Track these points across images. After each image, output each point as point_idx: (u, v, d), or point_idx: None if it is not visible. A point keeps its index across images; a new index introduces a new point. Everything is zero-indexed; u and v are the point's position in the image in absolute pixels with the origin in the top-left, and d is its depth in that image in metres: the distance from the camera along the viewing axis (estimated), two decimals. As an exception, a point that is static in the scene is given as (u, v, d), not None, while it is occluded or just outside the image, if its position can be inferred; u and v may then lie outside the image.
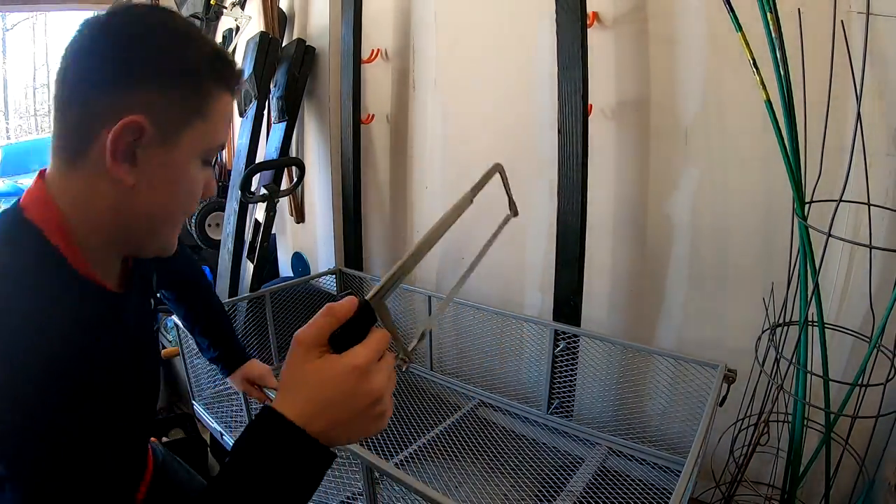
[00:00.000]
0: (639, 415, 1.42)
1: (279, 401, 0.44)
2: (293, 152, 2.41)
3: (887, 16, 1.06)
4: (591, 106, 1.40)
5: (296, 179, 2.18)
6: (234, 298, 1.93)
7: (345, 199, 2.21)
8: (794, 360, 1.14)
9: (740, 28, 1.05)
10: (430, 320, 0.65)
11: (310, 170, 2.32)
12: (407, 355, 0.49)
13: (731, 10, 1.05)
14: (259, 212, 2.22)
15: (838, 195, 1.03)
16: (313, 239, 2.48)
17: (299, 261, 2.61)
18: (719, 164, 1.38)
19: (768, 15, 1.00)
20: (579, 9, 1.33)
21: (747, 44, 1.04)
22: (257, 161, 2.22)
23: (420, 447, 1.43)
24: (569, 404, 1.52)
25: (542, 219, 1.69)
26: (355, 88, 2.07)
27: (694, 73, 1.38)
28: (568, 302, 1.49)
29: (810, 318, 1.12)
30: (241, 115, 2.33)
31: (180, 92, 0.52)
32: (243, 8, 2.51)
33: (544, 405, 1.54)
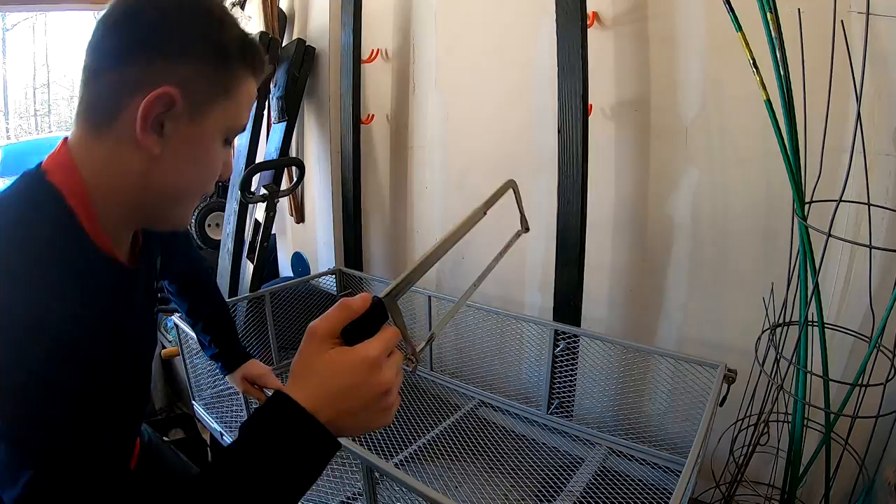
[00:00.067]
0: (639, 415, 1.42)
1: (290, 387, 0.45)
2: (293, 152, 2.41)
3: (887, 16, 1.06)
4: (591, 106, 1.40)
5: (296, 179, 2.18)
6: (234, 298, 1.93)
7: (345, 199, 2.21)
8: (794, 360, 1.14)
9: (740, 28, 1.05)
10: (437, 326, 0.66)
11: (310, 170, 2.32)
12: (415, 356, 0.50)
13: (731, 10, 1.05)
14: (259, 212, 2.22)
15: (838, 195, 1.03)
16: (313, 239, 2.48)
17: (299, 261, 2.61)
18: (719, 164, 1.38)
19: (768, 15, 1.00)
20: (579, 9, 1.33)
21: (747, 44, 1.04)
22: (257, 161, 2.22)
23: (420, 447, 1.43)
24: (569, 404, 1.52)
25: (542, 219, 1.68)
26: (355, 88, 2.07)
27: (694, 73, 1.38)
28: (568, 302, 1.49)
29: (810, 318, 1.12)
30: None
31: (212, 69, 0.53)
32: (243, 8, 2.51)
33: (544, 405, 1.54)
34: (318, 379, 0.44)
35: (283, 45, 2.26)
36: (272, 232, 2.31)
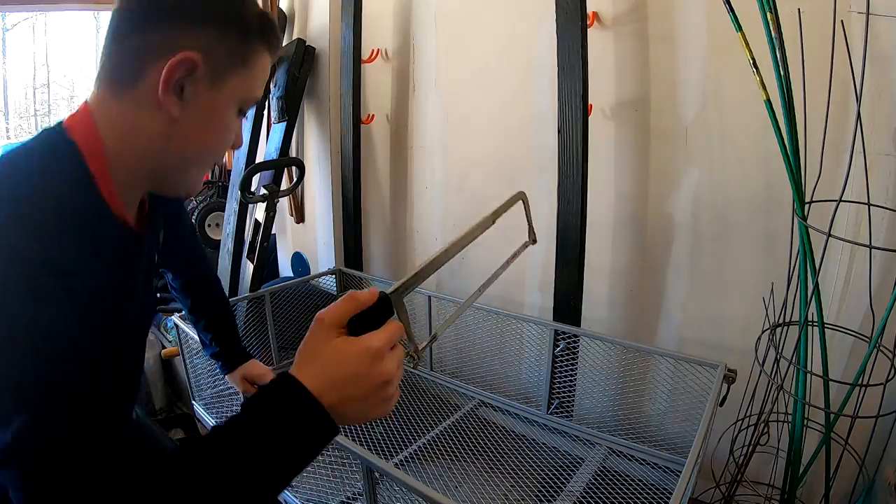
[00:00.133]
0: (639, 415, 1.42)
1: (296, 370, 0.46)
2: (293, 152, 2.41)
3: (887, 16, 1.06)
4: (591, 106, 1.40)
5: (296, 179, 2.18)
6: (234, 298, 1.92)
7: (345, 199, 2.21)
8: (794, 360, 1.14)
9: (740, 28, 1.05)
10: (440, 327, 0.68)
11: (310, 170, 2.32)
12: (417, 353, 0.52)
13: (731, 10, 1.05)
14: (259, 212, 2.22)
15: (838, 195, 1.03)
16: (313, 239, 2.48)
17: (299, 261, 2.61)
18: (719, 164, 1.39)
19: (768, 15, 1.00)
20: (579, 9, 1.33)
21: (747, 44, 1.04)
22: (257, 161, 2.22)
23: (420, 447, 1.43)
24: (569, 404, 1.52)
25: (542, 219, 1.68)
26: (355, 88, 2.07)
27: (694, 73, 1.38)
28: (568, 302, 1.49)
29: (810, 318, 1.12)
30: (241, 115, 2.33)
31: (233, 39, 0.56)
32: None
33: (544, 405, 1.54)
34: (323, 365, 0.46)
35: (283, 45, 2.26)
36: (272, 232, 2.31)
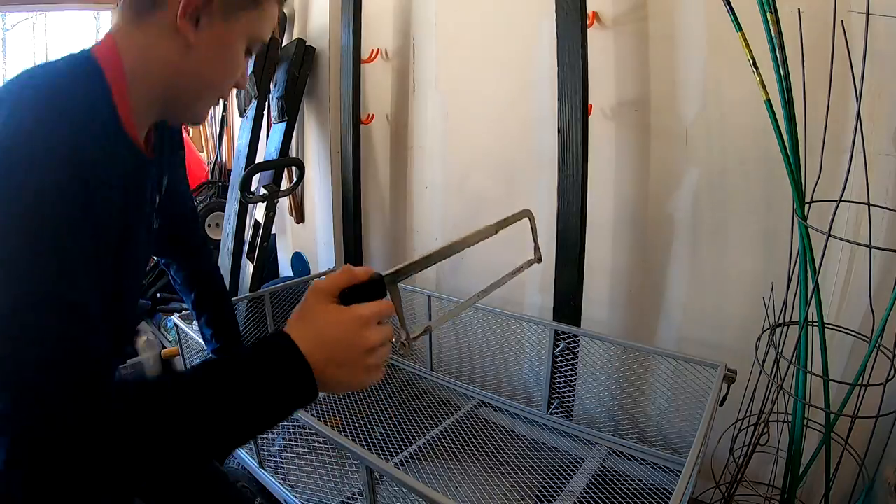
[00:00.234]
0: (639, 415, 1.42)
1: (288, 329, 0.49)
2: (293, 152, 2.41)
3: (887, 16, 1.06)
4: (591, 106, 1.40)
5: (296, 179, 2.18)
6: (235, 298, 1.92)
7: (345, 199, 2.21)
8: (794, 360, 1.14)
9: (740, 28, 1.05)
10: (436, 321, 0.70)
11: (310, 170, 2.32)
12: (409, 340, 0.53)
13: (731, 10, 1.05)
14: (259, 212, 2.22)
15: (838, 195, 1.03)
16: (313, 239, 2.48)
17: (299, 261, 2.61)
18: (719, 164, 1.38)
19: (768, 15, 1.00)
20: (579, 9, 1.33)
21: (747, 44, 1.04)
22: (257, 161, 2.22)
23: (420, 447, 1.43)
24: (569, 404, 1.52)
25: (542, 219, 1.68)
26: (355, 88, 2.07)
27: (694, 73, 1.38)
28: (568, 302, 1.49)
29: (810, 318, 1.12)
30: (241, 115, 2.33)
31: None
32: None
33: (544, 405, 1.54)
34: (313, 327, 0.49)
35: (283, 45, 2.26)
36: (272, 232, 2.31)
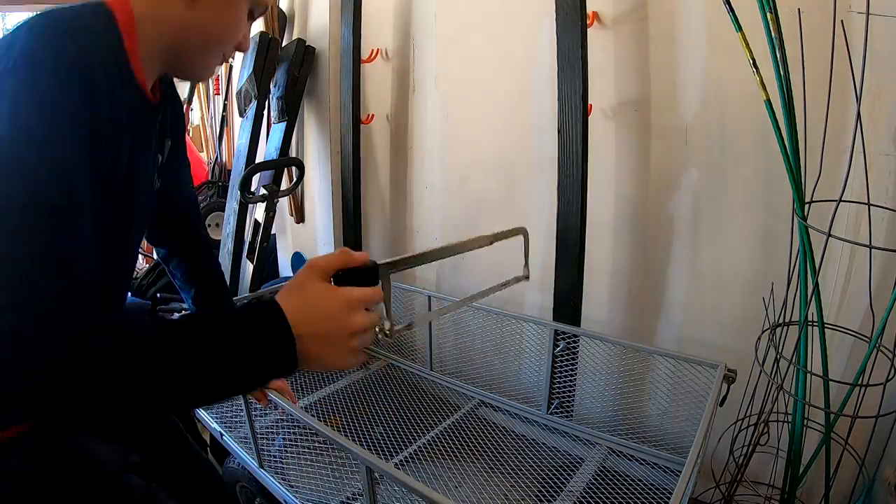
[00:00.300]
0: (639, 415, 1.42)
1: (278, 298, 0.52)
2: (293, 152, 2.41)
3: (887, 16, 1.06)
4: (591, 106, 1.40)
5: (295, 179, 2.18)
6: (234, 299, 1.92)
7: (345, 200, 2.21)
8: (794, 360, 1.14)
9: (740, 28, 1.05)
10: (420, 318, 0.73)
11: (310, 170, 2.32)
12: (391, 331, 0.55)
13: (731, 10, 1.05)
14: (259, 212, 2.22)
15: (838, 195, 1.03)
16: (313, 239, 2.48)
17: (299, 261, 2.61)
18: (719, 164, 1.38)
19: (768, 15, 1.00)
20: (579, 9, 1.33)
21: (747, 44, 1.04)
22: (257, 161, 2.22)
23: (420, 447, 1.43)
24: (569, 404, 1.52)
25: (542, 219, 1.69)
26: (355, 88, 2.07)
27: (694, 73, 1.38)
28: (568, 302, 1.49)
29: (810, 318, 1.12)
30: (241, 115, 2.33)
31: None
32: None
33: (544, 405, 1.54)
34: (303, 300, 0.51)
35: (283, 45, 2.26)
36: (272, 232, 2.31)
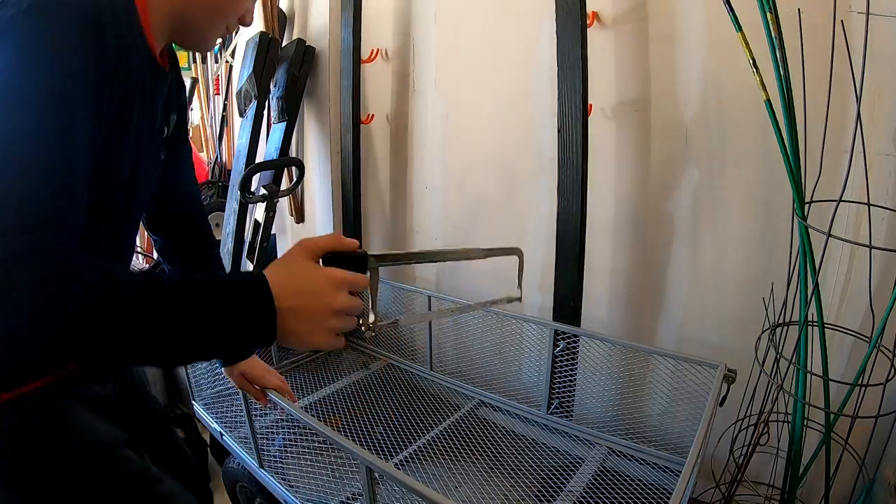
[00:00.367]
0: (639, 415, 1.42)
1: (266, 271, 0.54)
2: (293, 152, 2.41)
3: (887, 16, 1.06)
4: (591, 106, 1.40)
5: (295, 179, 2.18)
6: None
7: (345, 199, 2.21)
8: (793, 360, 1.14)
9: (740, 28, 1.05)
10: (406, 318, 0.75)
11: (310, 170, 2.32)
12: (373, 324, 0.57)
13: (731, 10, 1.05)
14: (259, 212, 2.22)
15: (838, 195, 1.03)
16: (313, 239, 2.48)
17: (299, 261, 2.61)
18: (719, 164, 1.38)
19: (768, 15, 1.00)
20: (579, 9, 1.33)
21: (747, 44, 1.04)
22: (257, 161, 2.22)
23: (420, 447, 1.43)
24: (569, 404, 1.52)
25: (542, 219, 1.69)
26: (355, 88, 2.07)
27: (694, 73, 1.38)
28: (568, 302, 1.49)
29: (810, 318, 1.12)
30: (241, 115, 2.33)
31: None
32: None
33: (544, 405, 1.54)
34: (289, 275, 0.53)
35: (283, 45, 2.26)
36: (272, 232, 2.31)
